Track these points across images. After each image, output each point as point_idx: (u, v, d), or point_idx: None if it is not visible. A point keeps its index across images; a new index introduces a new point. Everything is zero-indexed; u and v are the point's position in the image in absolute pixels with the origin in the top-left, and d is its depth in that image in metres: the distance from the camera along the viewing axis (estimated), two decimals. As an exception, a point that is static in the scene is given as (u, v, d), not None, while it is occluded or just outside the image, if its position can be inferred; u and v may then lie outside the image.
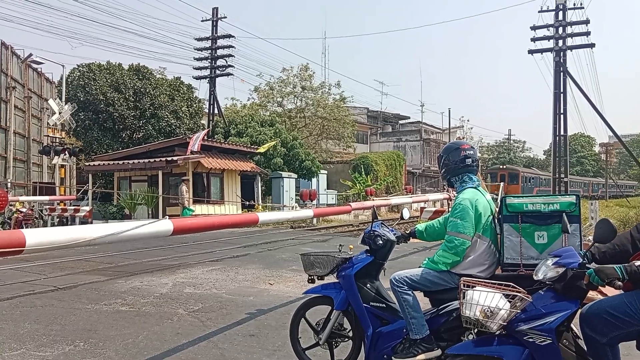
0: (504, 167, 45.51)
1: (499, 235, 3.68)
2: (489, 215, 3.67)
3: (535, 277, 3.15)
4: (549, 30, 28.90)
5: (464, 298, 3.19)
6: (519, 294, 3.04)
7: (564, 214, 3.43)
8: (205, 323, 5.80)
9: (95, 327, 5.62)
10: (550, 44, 28.94)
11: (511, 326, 3.05)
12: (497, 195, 21.89)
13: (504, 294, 3.09)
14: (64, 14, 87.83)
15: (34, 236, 2.80)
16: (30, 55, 26.04)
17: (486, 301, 3.08)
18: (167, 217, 4.11)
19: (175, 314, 6.16)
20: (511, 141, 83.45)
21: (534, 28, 29.10)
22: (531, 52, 29.47)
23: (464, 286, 3.21)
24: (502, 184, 30.00)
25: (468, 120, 71.02)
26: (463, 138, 56.52)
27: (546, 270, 3.09)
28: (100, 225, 3.47)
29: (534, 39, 29.21)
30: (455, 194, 3.88)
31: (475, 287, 3.19)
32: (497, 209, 3.80)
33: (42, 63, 27.27)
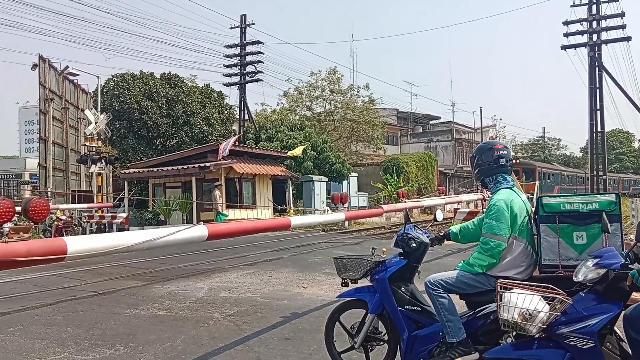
0: (518, 161, 37.61)
1: (535, 236, 3.62)
2: (525, 216, 3.61)
3: (575, 279, 3.08)
4: (582, 24, 28.24)
5: (501, 300, 3.14)
6: (558, 296, 2.97)
7: (603, 213, 3.34)
8: (240, 327, 5.85)
9: (134, 331, 5.74)
10: (584, 38, 28.30)
11: (551, 329, 2.99)
12: (533, 194, 21.45)
13: (542, 296, 3.04)
14: (98, 26, 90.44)
15: (74, 244, 2.89)
16: (67, 67, 26.81)
17: (524, 303, 3.03)
18: (202, 222, 4.18)
19: (212, 318, 6.24)
20: (545, 139, 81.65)
21: (566, 23, 28.46)
22: (564, 47, 28.83)
23: (501, 288, 3.17)
24: (537, 183, 29.38)
25: (500, 119, 69.87)
26: (496, 137, 55.58)
27: (587, 272, 3.01)
28: (138, 232, 3.55)
29: (567, 34, 28.57)
30: (490, 195, 3.83)
31: (512, 289, 3.15)
32: (533, 209, 3.73)
33: (78, 75, 28.03)
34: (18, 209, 8.96)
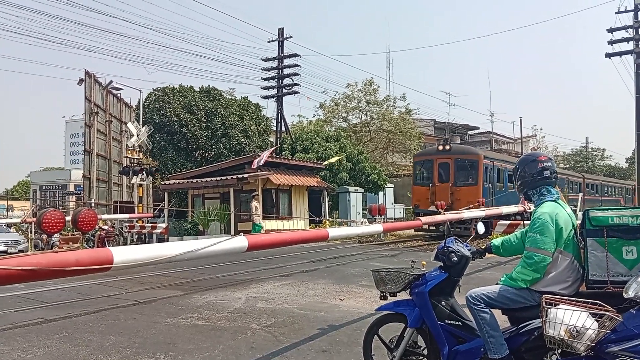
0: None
1: (582, 251, 3.50)
2: (571, 230, 3.50)
3: (625, 295, 2.97)
4: (627, 31, 27.40)
5: (546, 316, 3.05)
6: (607, 313, 2.87)
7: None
8: (278, 338, 5.87)
9: (174, 340, 5.83)
10: (629, 45, 27.41)
11: (600, 347, 2.88)
12: (576, 207, 20.81)
13: (590, 313, 2.94)
14: (140, 42, 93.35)
15: (120, 254, 2.96)
16: (111, 82, 27.71)
17: (571, 320, 2.93)
18: (242, 233, 4.22)
19: (249, 329, 6.28)
20: (589, 149, 79.28)
21: (611, 30, 27.67)
22: (609, 55, 28.01)
23: (546, 304, 3.08)
24: (580, 194, 28.43)
25: (541, 129, 68.05)
26: (537, 148, 54.32)
27: (638, 288, 2.90)
28: (180, 243, 3.62)
29: (611, 42, 27.77)
30: (533, 207, 3.74)
31: (558, 305, 3.06)
32: (579, 223, 3.62)
33: (121, 89, 28.94)
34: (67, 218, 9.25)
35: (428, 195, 21.23)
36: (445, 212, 12.05)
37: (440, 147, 22.18)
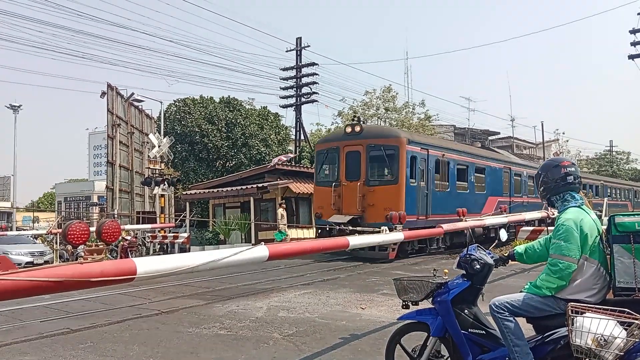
0: None
1: (608, 257, 3.43)
2: (596, 236, 3.44)
3: (654, 303, 2.89)
4: (650, 32, 26.90)
5: (572, 325, 3.00)
6: (636, 321, 2.81)
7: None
8: (300, 347, 5.86)
9: (196, 350, 5.86)
10: (653, 47, 26.90)
11: (629, 357, 2.82)
12: (601, 212, 20.37)
13: (618, 321, 2.88)
14: (161, 54, 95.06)
15: (143, 265, 3.00)
16: (133, 94, 28.22)
17: (599, 329, 2.88)
18: (262, 242, 4.24)
19: (271, 338, 6.28)
20: (613, 153, 77.80)
21: (633, 32, 27.22)
22: (632, 57, 27.52)
23: (572, 312, 3.03)
24: (605, 199, 27.86)
25: (563, 133, 67.02)
26: (560, 153, 53.46)
27: (667, 295, 2.83)
28: (202, 252, 3.65)
29: (634, 43, 27.30)
30: (557, 214, 3.68)
31: (585, 313, 3.00)
32: (605, 229, 3.55)
33: (142, 101, 29.45)
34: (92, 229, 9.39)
35: (331, 199, 15.46)
36: (467, 219, 11.83)
37: (349, 129, 15.93)
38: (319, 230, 16.05)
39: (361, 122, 16.49)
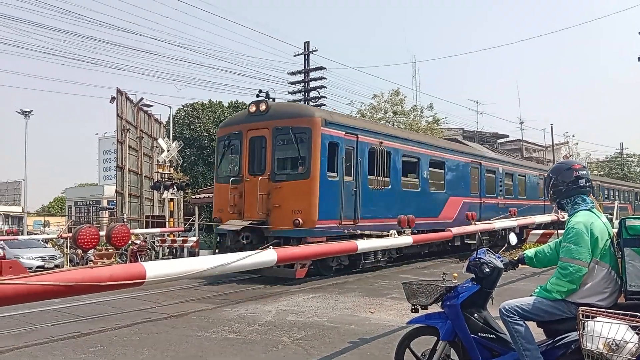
0: None
1: (619, 260, 3.40)
2: (607, 239, 3.41)
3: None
4: (660, 34, 26.68)
5: (583, 329, 2.97)
6: (648, 326, 2.77)
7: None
8: (309, 351, 5.85)
9: (205, 354, 5.87)
10: (663, 48, 26.69)
11: (641, 361, 2.78)
12: (612, 215, 20.06)
13: (630, 326, 2.85)
14: (169, 59, 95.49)
15: (152, 269, 3.02)
16: (142, 99, 28.35)
17: (610, 333, 2.85)
18: (271, 247, 4.25)
19: (280, 342, 6.28)
20: (624, 155, 77.12)
21: (643, 33, 27.02)
22: (642, 59, 27.31)
23: (583, 316, 3.00)
24: (616, 202, 27.54)
25: (573, 136, 66.51)
26: (571, 156, 53.06)
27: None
28: (210, 257, 3.67)
29: (644, 45, 27.10)
30: (567, 217, 3.65)
31: (596, 317, 2.97)
32: (616, 232, 3.52)
33: (151, 105, 29.56)
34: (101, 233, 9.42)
35: (231, 199, 12.29)
36: (476, 223, 11.77)
37: (252, 108, 12.60)
38: (218, 239, 13.42)
39: (270, 99, 12.92)
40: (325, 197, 11.64)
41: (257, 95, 13.03)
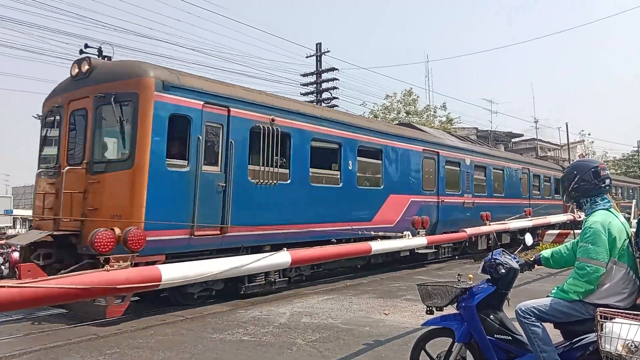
0: None
1: (638, 260, 3.36)
2: (625, 239, 3.37)
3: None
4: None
5: (602, 331, 2.94)
6: (668, 327, 2.73)
7: None
8: (323, 353, 5.84)
9: (220, 356, 5.89)
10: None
11: (661, 363, 2.74)
12: (630, 215, 19.70)
13: (650, 327, 2.80)
14: (182, 62, 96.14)
15: (168, 272, 3.04)
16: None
17: (629, 334, 2.81)
18: (285, 249, 4.26)
19: (294, 344, 6.28)
20: (641, 154, 76.02)
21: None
22: (658, 55, 26.93)
23: (601, 317, 2.96)
24: (634, 201, 27.10)
25: (589, 134, 65.82)
26: (586, 154, 52.49)
27: (700, 300, 2.75)
28: (225, 259, 3.69)
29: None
30: (584, 216, 3.61)
31: (614, 318, 2.93)
32: (634, 232, 3.47)
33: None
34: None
35: (45, 199, 8.89)
36: (491, 223, 11.67)
37: (74, 70, 9.09)
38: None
39: (93, 58, 9.78)
40: (162, 194, 8.14)
41: (81, 52, 9.78)
